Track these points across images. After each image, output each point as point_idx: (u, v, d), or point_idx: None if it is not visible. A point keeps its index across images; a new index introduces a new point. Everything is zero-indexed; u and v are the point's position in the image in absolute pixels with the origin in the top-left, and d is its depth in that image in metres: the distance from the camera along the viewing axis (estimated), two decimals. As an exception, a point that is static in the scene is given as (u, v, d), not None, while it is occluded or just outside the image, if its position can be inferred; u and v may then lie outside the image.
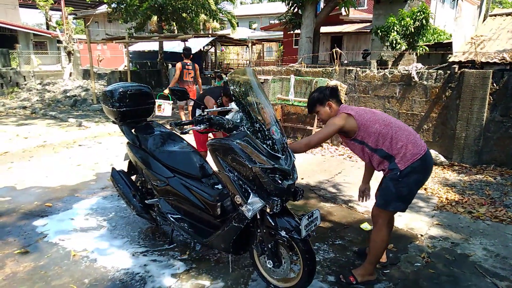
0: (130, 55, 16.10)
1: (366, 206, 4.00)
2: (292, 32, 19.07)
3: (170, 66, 16.17)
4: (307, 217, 2.33)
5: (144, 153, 3.16)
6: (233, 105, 2.71)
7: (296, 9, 10.94)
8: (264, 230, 2.44)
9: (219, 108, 2.82)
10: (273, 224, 2.39)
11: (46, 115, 10.26)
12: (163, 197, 3.01)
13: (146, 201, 3.18)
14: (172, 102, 6.43)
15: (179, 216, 2.93)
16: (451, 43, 13.04)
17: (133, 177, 3.63)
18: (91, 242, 3.30)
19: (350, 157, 6.10)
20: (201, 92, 7.24)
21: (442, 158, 5.67)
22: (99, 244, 3.27)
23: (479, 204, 4.17)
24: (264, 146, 2.35)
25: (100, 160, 5.80)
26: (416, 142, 2.52)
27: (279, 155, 2.37)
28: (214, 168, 2.81)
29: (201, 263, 2.98)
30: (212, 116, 2.50)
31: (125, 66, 22.03)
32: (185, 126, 2.54)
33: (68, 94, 12.92)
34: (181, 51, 7.91)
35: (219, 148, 2.45)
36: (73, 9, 20.82)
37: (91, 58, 11.78)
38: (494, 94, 5.27)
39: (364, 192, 3.08)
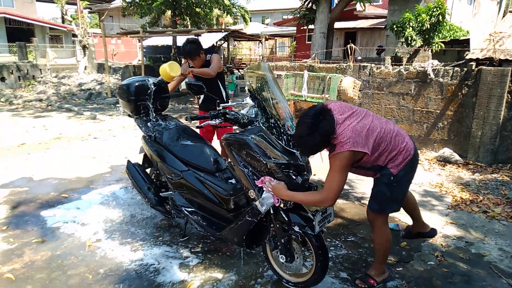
0: (144, 50, 16.19)
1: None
2: (305, 27, 18.99)
3: (183, 60, 16.25)
4: (321, 213, 2.34)
5: (159, 146, 3.19)
6: (248, 100, 2.72)
7: (310, 4, 10.86)
8: (277, 225, 2.45)
9: (234, 103, 2.84)
10: (287, 219, 2.40)
11: (61, 108, 10.43)
12: (178, 190, 3.05)
13: (160, 194, 3.22)
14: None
15: (193, 209, 2.96)
16: (467, 40, 12.78)
17: (148, 170, 3.68)
18: (106, 233, 3.36)
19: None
20: None
21: (457, 157, 5.59)
22: (114, 235, 3.33)
23: (495, 204, 4.11)
24: (279, 141, 2.36)
25: (115, 153, 5.88)
26: (406, 145, 2.41)
27: (294, 151, 2.38)
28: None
29: (214, 256, 3.01)
30: (227, 110, 2.52)
31: (139, 60, 22.21)
32: (200, 120, 2.56)
33: (83, 88, 13.10)
34: None
35: (234, 143, 2.47)
36: (88, 3, 21.03)
37: (106, 52, 11.91)
38: (513, 92, 5.17)
39: None
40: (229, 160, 2.66)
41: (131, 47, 26.54)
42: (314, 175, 4.86)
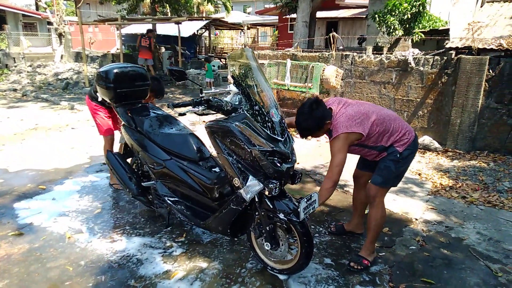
0: (123, 38, 15.79)
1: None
2: (287, 16, 18.88)
3: (163, 49, 15.93)
4: (305, 200, 2.33)
5: (140, 135, 3.11)
6: (231, 87, 2.67)
7: (292, -7, 10.79)
8: (262, 213, 2.43)
9: (218, 90, 2.78)
10: (272, 206, 2.39)
11: (37, 98, 10.08)
12: (160, 179, 2.99)
13: (142, 184, 3.15)
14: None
15: (176, 199, 2.91)
16: (446, 30, 12.99)
17: (129, 160, 3.60)
18: (87, 224, 3.28)
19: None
20: None
21: (436, 144, 5.70)
22: (95, 226, 3.25)
23: (473, 190, 4.22)
24: (264, 128, 2.33)
25: (94, 143, 5.72)
26: (408, 127, 2.65)
27: (279, 138, 2.36)
28: (212, 150, 2.79)
29: (198, 245, 2.98)
30: (210, 98, 2.46)
31: (118, 48, 21.66)
32: (182, 108, 2.50)
33: (59, 77, 12.69)
34: (175, 34, 7.82)
35: (218, 130, 2.43)
36: (63, -11, 20.27)
37: (83, 40, 11.54)
38: (490, 81, 5.28)
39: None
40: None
41: (109, 35, 25.82)
42: (298, 163, 4.86)
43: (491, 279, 2.63)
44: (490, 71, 5.24)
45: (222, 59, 17.73)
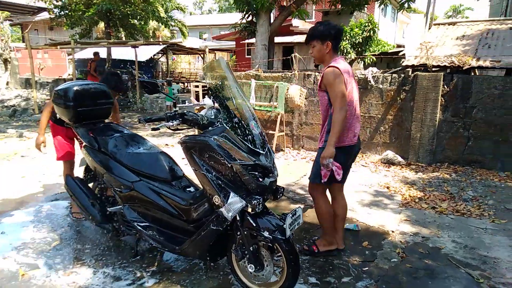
0: (75, 63, 15.19)
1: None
2: (245, 41, 19.22)
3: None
4: (290, 215, 2.22)
5: (104, 156, 2.87)
6: (206, 101, 2.55)
7: (250, 17, 10.97)
8: (245, 232, 2.27)
9: (192, 104, 2.64)
10: (254, 224, 2.24)
11: (-20, 126, 9.27)
12: (128, 203, 2.74)
13: (108, 209, 2.87)
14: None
15: (147, 224, 2.68)
16: (395, 52, 13.83)
17: (91, 185, 3.31)
18: (43, 259, 2.92)
19: (312, 160, 6.11)
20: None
21: (399, 158, 5.86)
22: (52, 260, 2.90)
23: (441, 200, 4.32)
24: (245, 142, 2.21)
25: (47, 171, 5.28)
26: (355, 133, 2.83)
27: (260, 151, 2.24)
28: (184, 169, 2.60)
29: (173, 274, 2.73)
30: (185, 111, 2.32)
31: (69, 74, 20.79)
32: (155, 123, 2.33)
33: (5, 104, 11.86)
34: (131, 59, 7.61)
35: (195, 146, 2.27)
36: (9, 14, 19.31)
37: (32, 65, 10.92)
38: (446, 96, 5.56)
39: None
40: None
41: (59, 61, 24.77)
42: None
43: (474, 286, 2.63)
44: (445, 86, 5.53)
45: (180, 83, 17.54)
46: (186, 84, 20.07)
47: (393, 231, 3.50)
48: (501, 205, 4.13)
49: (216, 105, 2.58)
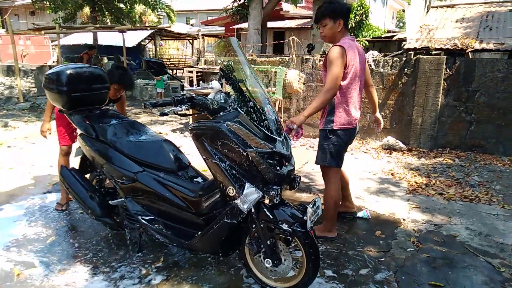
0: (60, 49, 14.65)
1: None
2: (234, 27, 18.82)
3: (106, 60, 15.03)
4: (311, 206, 2.06)
5: (103, 145, 2.65)
6: (214, 84, 2.34)
7: (242, 1, 10.67)
8: (262, 225, 2.12)
9: (199, 87, 2.44)
10: (271, 217, 2.08)
11: (-39, 115, 8.84)
12: (131, 195, 2.55)
13: (110, 202, 2.67)
14: None
15: (152, 217, 2.49)
16: (388, 37, 13.67)
17: (87, 176, 3.09)
18: (39, 256, 2.72)
19: (312, 147, 5.97)
20: None
21: (401, 144, 5.76)
22: (50, 258, 2.70)
23: (447, 186, 4.23)
24: (261, 127, 2.03)
25: (37, 162, 5.02)
26: (356, 115, 2.84)
27: (277, 137, 2.07)
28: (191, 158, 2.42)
29: (180, 269, 2.57)
30: (194, 95, 2.12)
31: (54, 61, 20.12)
32: (162, 107, 2.13)
33: (-13, 92, 11.35)
34: (118, 44, 7.28)
35: (206, 133, 2.08)
36: (-13, -2, 18.49)
37: (15, 52, 10.44)
38: (448, 80, 5.45)
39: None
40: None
41: (43, 47, 23.92)
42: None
43: (496, 275, 2.53)
44: (448, 70, 5.41)
45: (173, 70, 17.15)
46: (175, 71, 19.65)
47: (404, 219, 3.39)
48: (508, 190, 4.07)
49: (225, 88, 2.39)
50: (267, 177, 2.01)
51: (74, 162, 3.23)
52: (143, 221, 2.46)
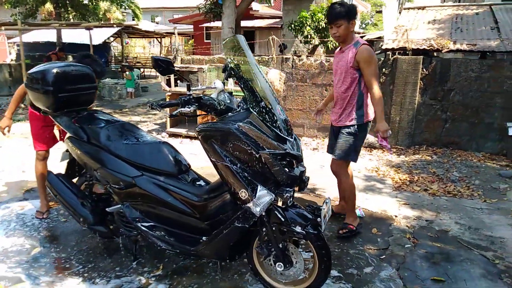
0: (19, 47, 13.81)
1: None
2: (203, 25, 18.58)
3: (70, 58, 14.35)
4: (323, 207, 2.04)
5: (95, 148, 2.49)
6: (217, 84, 2.26)
7: (215, -1, 10.54)
8: (273, 228, 2.06)
9: (204, 87, 2.34)
10: (283, 219, 2.04)
11: None
12: (129, 201, 2.41)
13: (107, 209, 2.51)
14: None
15: (152, 224, 2.37)
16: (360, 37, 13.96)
17: (74, 181, 2.91)
18: (24, 271, 2.51)
19: (305, 145, 5.98)
20: None
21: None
22: (37, 271, 2.51)
23: (430, 182, 4.36)
24: (274, 128, 1.98)
25: (6, 167, 4.69)
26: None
27: (289, 138, 2.03)
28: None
29: (182, 277, 2.46)
30: (201, 95, 2.03)
31: (12, 59, 18.98)
32: (170, 108, 2.02)
33: None
34: (84, 42, 6.96)
35: (215, 134, 2.00)
36: None
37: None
38: (424, 79, 5.63)
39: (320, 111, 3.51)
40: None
41: (-2, 45, 22.58)
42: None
43: (491, 267, 2.63)
44: (424, 69, 5.59)
45: (140, 69, 16.66)
46: (142, 69, 19.12)
47: (396, 216, 3.45)
48: (487, 185, 4.25)
49: (228, 87, 2.32)
50: (280, 179, 1.96)
51: (60, 167, 3.03)
52: (143, 228, 2.34)
